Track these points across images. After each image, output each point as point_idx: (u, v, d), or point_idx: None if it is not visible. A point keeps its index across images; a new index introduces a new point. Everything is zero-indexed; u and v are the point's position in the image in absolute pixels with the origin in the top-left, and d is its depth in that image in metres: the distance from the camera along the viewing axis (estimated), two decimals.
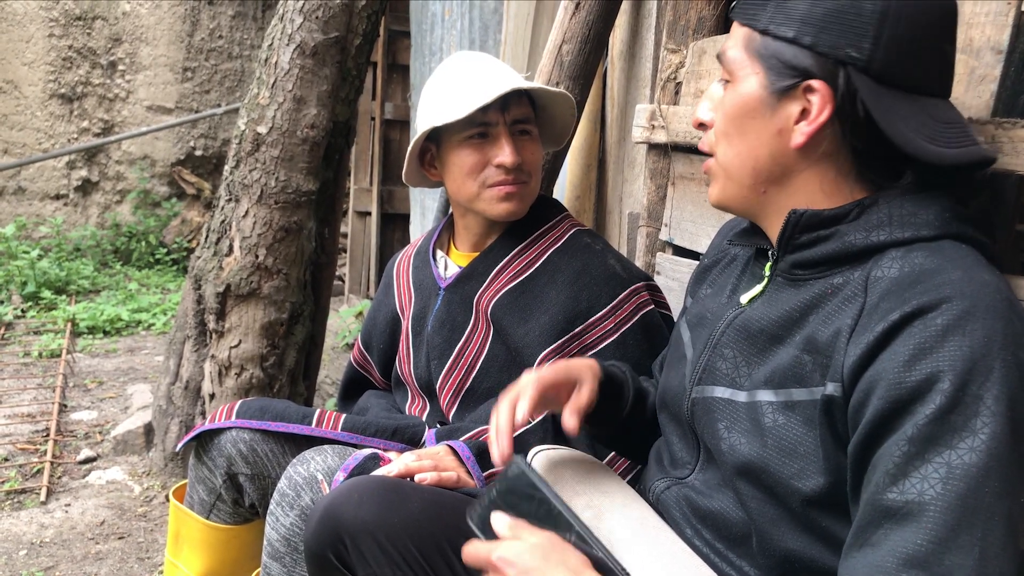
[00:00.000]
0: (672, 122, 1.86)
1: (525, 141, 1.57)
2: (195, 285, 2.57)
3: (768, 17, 0.99)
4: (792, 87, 0.97)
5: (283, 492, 1.35)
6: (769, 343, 1.02)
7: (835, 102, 0.95)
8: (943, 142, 0.96)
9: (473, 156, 1.54)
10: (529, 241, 1.62)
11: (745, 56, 1.02)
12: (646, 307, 1.56)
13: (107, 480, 2.76)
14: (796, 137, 0.99)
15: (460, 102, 1.50)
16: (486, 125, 1.53)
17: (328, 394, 3.66)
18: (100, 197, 6.29)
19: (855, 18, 0.94)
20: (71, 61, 6.01)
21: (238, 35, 6.49)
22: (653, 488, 1.17)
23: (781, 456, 0.96)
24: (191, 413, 2.66)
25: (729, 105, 1.04)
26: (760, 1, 1.01)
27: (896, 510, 0.82)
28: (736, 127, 1.03)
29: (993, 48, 1.18)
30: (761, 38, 1.00)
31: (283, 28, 2.43)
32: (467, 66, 1.58)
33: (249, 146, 2.44)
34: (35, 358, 4.03)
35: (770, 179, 1.03)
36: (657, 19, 2.14)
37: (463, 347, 1.61)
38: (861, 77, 0.94)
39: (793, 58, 0.97)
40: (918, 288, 0.88)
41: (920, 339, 0.84)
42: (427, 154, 1.64)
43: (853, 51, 0.94)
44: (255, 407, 1.60)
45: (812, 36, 0.95)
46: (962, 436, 0.80)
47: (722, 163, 1.07)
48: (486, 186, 1.55)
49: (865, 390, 0.87)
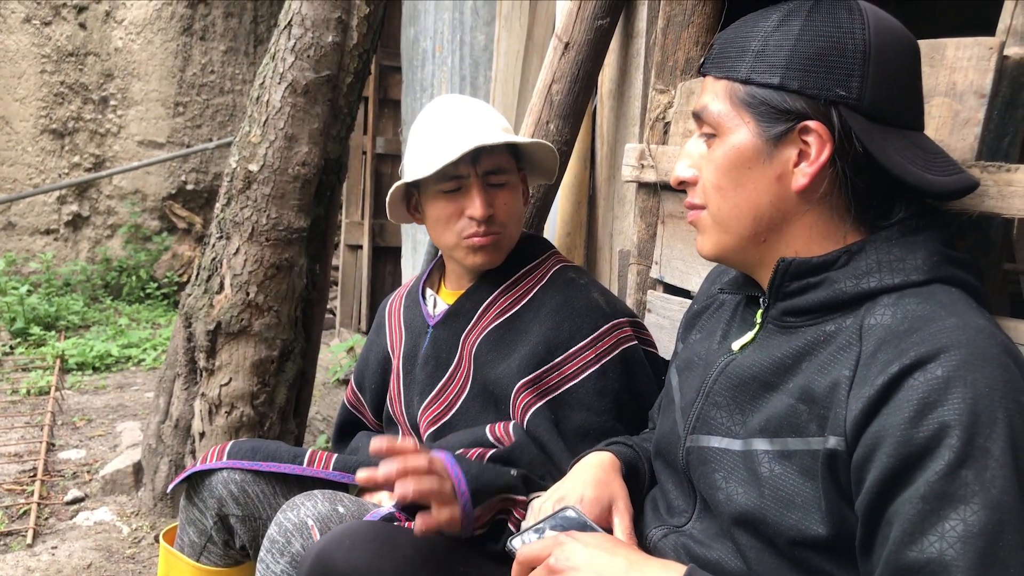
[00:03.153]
0: (661, 161, 1.88)
1: (499, 192, 1.58)
2: (186, 323, 2.56)
3: (748, 68, 0.99)
4: (787, 131, 0.97)
5: (273, 539, 1.34)
6: (762, 390, 1.02)
7: (834, 140, 0.96)
8: (937, 171, 0.98)
9: (447, 208, 1.57)
10: (515, 279, 1.63)
11: (730, 108, 1.01)
12: (628, 342, 1.55)
13: (95, 521, 2.72)
14: (798, 179, 0.99)
15: (432, 156, 1.52)
16: (458, 179, 1.55)
17: (319, 431, 3.64)
18: (91, 232, 6.28)
19: (839, 58, 0.95)
20: (63, 97, 6.03)
21: (230, 70, 6.53)
22: (650, 536, 1.16)
23: (779, 506, 0.95)
24: (181, 452, 2.64)
25: (722, 158, 1.03)
26: (735, 54, 1.01)
27: (919, 569, 0.82)
28: (731, 179, 1.02)
29: (976, 92, 1.20)
30: (744, 87, 1.00)
31: (275, 67, 2.45)
32: (446, 115, 1.60)
33: (240, 184, 2.45)
34: (23, 395, 4.00)
35: (771, 226, 1.03)
36: (645, 59, 2.16)
37: (445, 384, 1.62)
38: (853, 115, 0.95)
39: (783, 103, 0.97)
40: (914, 338, 0.88)
41: (923, 392, 0.84)
42: (412, 198, 1.67)
43: (842, 90, 0.95)
44: (246, 447, 1.60)
45: (799, 80, 0.96)
46: (975, 491, 0.80)
47: (718, 217, 1.05)
48: (462, 237, 1.57)
49: (870, 445, 0.87)
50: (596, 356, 1.52)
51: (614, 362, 1.52)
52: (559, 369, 1.52)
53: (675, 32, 1.96)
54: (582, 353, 1.52)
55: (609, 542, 0.97)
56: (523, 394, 1.50)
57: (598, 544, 0.95)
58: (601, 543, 0.95)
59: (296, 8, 2.45)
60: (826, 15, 0.97)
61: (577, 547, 0.95)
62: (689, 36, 1.93)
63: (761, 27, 1.00)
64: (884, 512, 0.86)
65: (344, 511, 1.38)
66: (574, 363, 1.52)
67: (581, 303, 1.56)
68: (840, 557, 0.92)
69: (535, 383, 1.50)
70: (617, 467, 1.25)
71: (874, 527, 0.88)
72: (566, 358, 1.52)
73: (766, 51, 0.98)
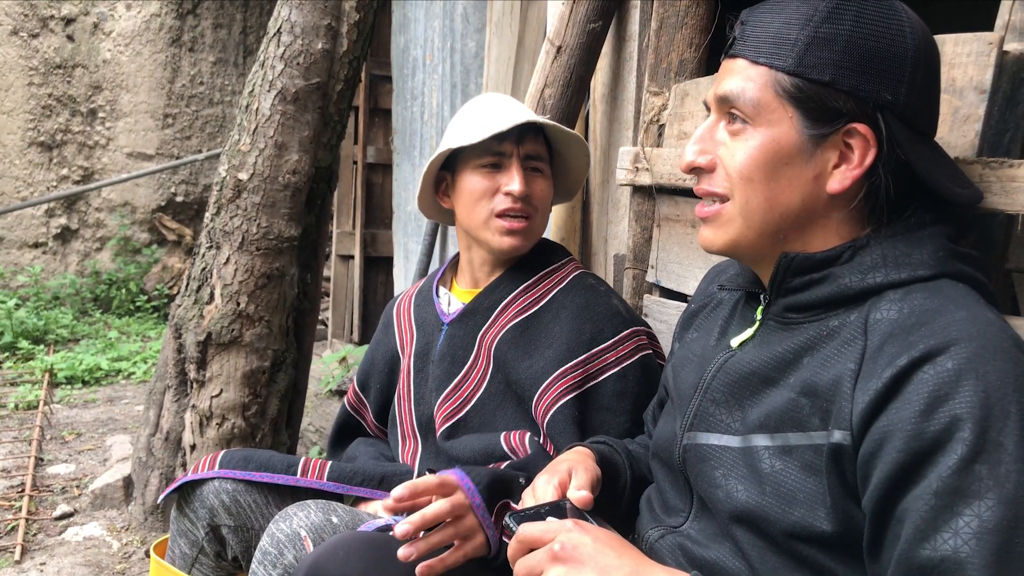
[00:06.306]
0: (656, 164, 1.86)
1: (536, 177, 1.61)
2: (175, 334, 2.53)
3: (797, 59, 0.94)
4: (833, 132, 0.94)
5: (265, 550, 1.31)
6: (761, 385, 1.00)
7: (879, 146, 0.93)
8: (960, 183, 0.97)
9: (484, 182, 1.59)
10: (534, 280, 1.64)
11: (773, 98, 0.96)
12: (645, 350, 1.57)
13: (84, 536, 2.68)
14: (835, 183, 0.96)
15: (478, 129, 1.56)
16: (500, 155, 1.58)
17: (312, 442, 3.60)
18: (80, 245, 6.23)
19: (890, 62, 0.92)
20: (51, 109, 5.99)
21: (219, 81, 6.50)
22: (647, 536, 1.15)
23: (781, 503, 0.93)
24: (172, 465, 2.60)
25: (758, 149, 0.98)
26: (776, 41, 0.96)
27: (933, 567, 0.80)
28: (766, 173, 0.98)
29: (976, 88, 1.18)
30: (791, 80, 0.95)
31: (264, 75, 2.43)
32: (491, 101, 1.66)
33: (230, 193, 2.42)
34: (11, 410, 3.95)
35: (795, 224, 1.00)
36: (638, 62, 2.15)
37: (461, 380, 1.62)
38: (896, 121, 0.93)
39: (833, 101, 0.93)
40: (923, 331, 0.86)
41: (934, 386, 0.82)
42: (442, 183, 1.69)
43: (888, 95, 0.92)
44: (238, 457, 1.58)
45: (852, 80, 0.92)
46: (989, 486, 0.78)
47: (745, 209, 1.00)
48: (494, 214, 1.58)
49: (878, 440, 0.85)
50: (617, 359, 1.53)
51: (634, 366, 1.53)
52: (584, 366, 1.52)
53: (668, 34, 1.95)
54: (605, 354, 1.53)
55: (617, 542, 0.94)
56: (551, 391, 1.51)
57: (607, 542, 0.92)
58: (609, 541, 0.92)
59: (285, 15, 2.43)
60: (877, 15, 0.94)
61: (586, 540, 0.91)
62: (683, 38, 1.92)
63: (806, 16, 0.95)
64: (895, 509, 0.84)
65: (338, 521, 1.36)
66: (597, 362, 1.53)
67: (602, 308, 1.57)
68: (844, 554, 0.91)
69: (562, 378, 1.51)
70: (590, 455, 1.23)
71: (884, 525, 0.86)
72: (590, 356, 1.53)
73: (816, 44, 0.93)
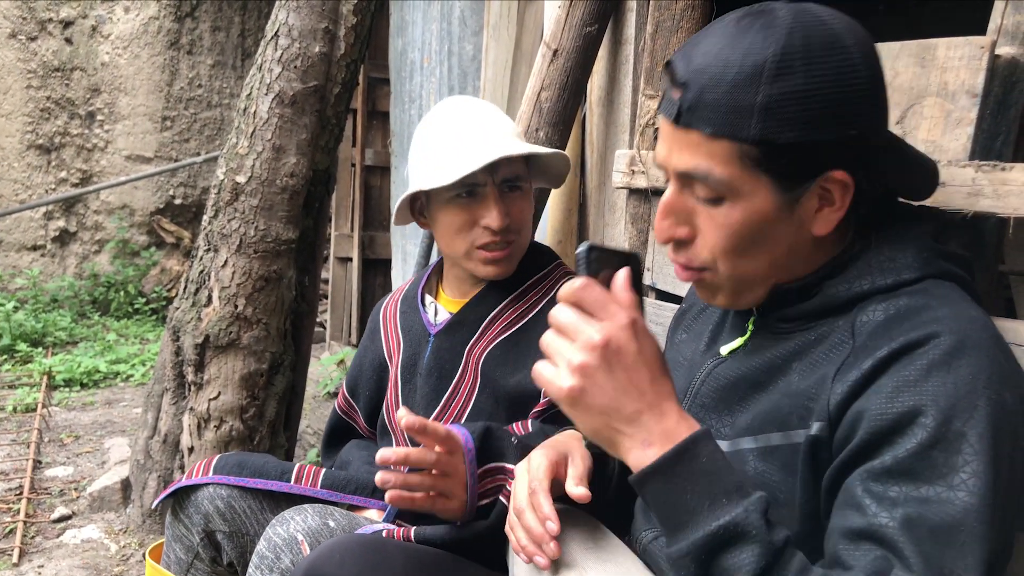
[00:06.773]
0: (652, 167, 1.87)
1: (515, 197, 1.54)
2: (173, 336, 2.53)
3: (759, 126, 0.89)
4: (810, 185, 0.92)
5: (262, 555, 1.31)
6: (751, 390, 1.01)
7: (855, 182, 0.92)
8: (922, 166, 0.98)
9: (460, 216, 1.52)
10: (521, 291, 1.60)
11: (741, 171, 0.92)
12: None
13: (82, 539, 2.68)
14: (819, 227, 0.95)
15: (448, 164, 1.47)
16: (474, 186, 1.49)
17: (310, 444, 3.61)
18: (78, 247, 6.23)
19: (850, 100, 0.89)
20: (49, 112, 5.99)
21: (217, 84, 6.50)
22: (640, 539, 1.15)
23: None
24: (169, 467, 2.60)
25: (740, 224, 0.94)
26: (734, 109, 0.89)
27: (866, 537, 0.80)
28: (751, 242, 0.96)
29: (968, 92, 1.19)
30: (758, 148, 0.90)
31: (262, 78, 2.43)
32: (457, 120, 1.54)
33: (228, 195, 2.43)
34: (9, 413, 3.95)
35: (784, 265, 0.99)
36: (634, 66, 2.15)
37: (450, 396, 1.59)
38: (864, 148, 0.93)
39: (805, 158, 0.90)
40: (906, 325, 0.87)
41: (907, 372, 0.83)
42: (417, 202, 1.62)
43: (854, 130, 0.90)
44: (232, 462, 1.57)
45: (818, 131, 0.89)
46: (942, 473, 0.79)
47: (734, 277, 0.99)
48: (475, 247, 1.53)
49: (850, 424, 0.86)
50: None
51: None
52: None
53: (664, 37, 1.95)
54: None
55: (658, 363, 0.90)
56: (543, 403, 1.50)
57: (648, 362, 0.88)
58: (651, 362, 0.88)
59: (283, 19, 2.44)
60: (825, 55, 0.88)
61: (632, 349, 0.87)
62: (678, 41, 1.92)
63: (753, 75, 0.88)
64: (844, 479, 0.85)
65: (335, 525, 1.36)
66: None
67: None
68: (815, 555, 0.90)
69: None
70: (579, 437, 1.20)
71: (832, 493, 0.87)
72: None
73: (773, 106, 0.88)
